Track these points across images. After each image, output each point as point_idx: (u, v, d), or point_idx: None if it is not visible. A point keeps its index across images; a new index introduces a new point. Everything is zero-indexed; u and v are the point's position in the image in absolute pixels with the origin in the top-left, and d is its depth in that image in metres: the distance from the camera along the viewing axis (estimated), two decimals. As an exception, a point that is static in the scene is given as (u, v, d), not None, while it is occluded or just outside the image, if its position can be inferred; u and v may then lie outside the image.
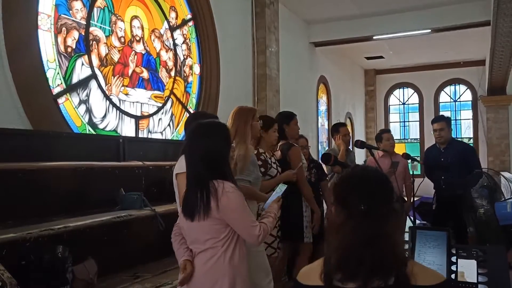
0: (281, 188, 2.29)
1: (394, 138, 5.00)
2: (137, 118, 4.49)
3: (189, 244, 1.97)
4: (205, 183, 1.87)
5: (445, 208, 4.32)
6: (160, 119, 4.82)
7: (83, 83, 3.86)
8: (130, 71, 4.39)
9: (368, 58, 11.20)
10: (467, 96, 12.17)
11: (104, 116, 4.09)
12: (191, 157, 1.95)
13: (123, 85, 4.30)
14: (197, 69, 5.45)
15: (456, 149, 4.42)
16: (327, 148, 9.05)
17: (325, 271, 1.23)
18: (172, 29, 5.04)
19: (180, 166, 2.27)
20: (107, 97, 4.10)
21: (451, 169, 4.29)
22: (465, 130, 12.19)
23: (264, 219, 2.02)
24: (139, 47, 4.53)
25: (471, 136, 11.95)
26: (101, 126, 4.04)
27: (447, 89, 12.47)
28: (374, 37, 8.42)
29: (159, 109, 4.79)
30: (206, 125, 2.07)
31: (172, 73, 5.02)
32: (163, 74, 4.87)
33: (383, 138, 4.75)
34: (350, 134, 5.27)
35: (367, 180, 1.30)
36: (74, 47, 3.77)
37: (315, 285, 1.25)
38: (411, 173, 4.69)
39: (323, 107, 9.61)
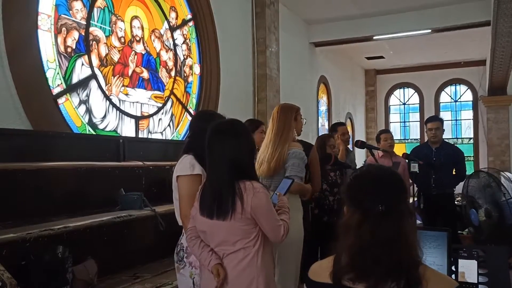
0: (286, 183, 2.27)
1: (394, 139, 5.02)
2: (137, 118, 4.49)
3: (214, 246, 1.91)
4: (235, 183, 1.85)
5: (434, 207, 4.43)
6: (160, 119, 4.82)
7: (83, 83, 3.86)
8: (130, 71, 4.39)
9: (368, 58, 11.19)
10: (468, 96, 12.16)
11: (104, 116, 4.09)
12: (218, 158, 1.90)
13: (123, 85, 4.30)
14: (197, 69, 5.45)
15: (448, 150, 4.58)
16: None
17: (335, 270, 1.23)
18: (172, 29, 5.04)
19: (182, 167, 2.22)
20: (107, 97, 4.10)
21: (442, 169, 4.40)
22: (465, 130, 12.18)
23: (283, 216, 2.00)
24: (139, 47, 4.53)
25: (472, 136, 11.94)
26: (101, 127, 4.04)
27: (447, 89, 12.46)
28: (374, 37, 8.42)
29: (159, 109, 4.79)
30: (232, 124, 2.03)
31: (172, 73, 5.02)
32: (163, 74, 4.87)
33: (381, 138, 4.80)
34: (350, 134, 5.26)
35: (383, 179, 1.28)
36: (74, 47, 3.76)
37: (325, 282, 1.25)
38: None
39: (323, 107, 9.61)
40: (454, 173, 4.61)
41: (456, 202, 4.69)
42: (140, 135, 4.50)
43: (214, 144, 1.93)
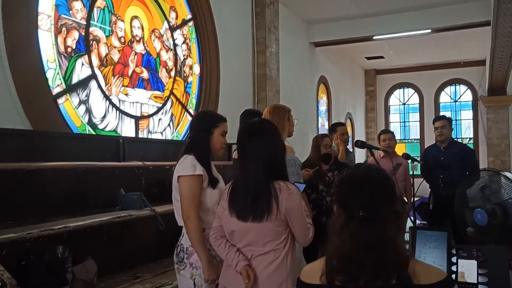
0: (300, 187, 2.26)
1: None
2: (137, 118, 4.49)
3: (242, 246, 1.89)
4: (271, 184, 1.83)
5: (442, 207, 4.37)
6: (160, 119, 4.82)
7: (83, 83, 3.86)
8: (130, 71, 4.39)
9: (368, 58, 11.20)
10: (468, 96, 12.18)
11: (104, 116, 4.09)
12: (252, 158, 1.87)
13: (123, 85, 4.30)
14: (197, 69, 5.45)
15: (456, 149, 4.49)
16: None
17: (327, 272, 1.23)
18: (172, 29, 5.04)
19: (183, 168, 2.20)
20: (107, 97, 4.10)
21: (451, 168, 4.34)
22: (465, 130, 12.20)
23: (309, 220, 1.98)
24: (139, 47, 4.53)
25: (471, 136, 11.95)
26: (101, 126, 4.04)
27: (447, 89, 12.48)
28: (374, 37, 8.43)
29: (159, 109, 4.79)
30: (263, 125, 2.02)
31: (172, 73, 5.02)
32: (163, 74, 4.87)
33: (380, 139, 4.80)
34: (350, 134, 5.26)
35: (368, 181, 1.27)
36: (74, 47, 3.76)
37: (317, 284, 1.25)
38: (411, 173, 4.70)
39: (323, 107, 9.61)
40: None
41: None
42: (140, 135, 4.50)
43: (247, 144, 1.91)
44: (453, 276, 1.78)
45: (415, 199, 4.70)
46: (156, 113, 4.75)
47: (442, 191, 4.39)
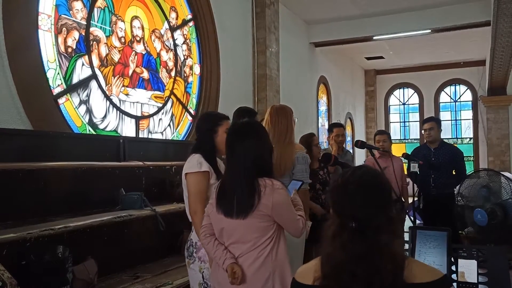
0: (296, 184, 2.31)
1: (394, 138, 5.03)
2: (137, 118, 4.49)
3: (229, 243, 1.92)
4: (256, 181, 1.87)
5: (433, 206, 4.44)
6: (160, 119, 4.82)
7: (84, 84, 3.86)
8: (130, 72, 4.39)
9: (368, 58, 11.20)
10: (467, 96, 12.18)
11: (105, 117, 4.09)
12: (240, 157, 1.92)
13: (123, 86, 4.30)
14: (197, 69, 5.45)
15: (446, 150, 4.63)
16: (327, 147, 9.05)
17: (321, 276, 1.23)
18: (172, 29, 5.05)
19: (190, 165, 2.29)
20: (107, 98, 4.10)
21: (441, 169, 4.42)
22: (465, 130, 12.19)
23: (299, 212, 2.04)
24: (139, 47, 4.53)
25: (471, 136, 11.95)
26: (101, 127, 4.04)
27: (447, 89, 12.48)
28: (374, 37, 8.43)
29: (159, 109, 4.79)
30: (251, 125, 2.09)
31: (172, 73, 5.02)
32: (163, 74, 4.87)
33: (375, 139, 4.87)
34: (349, 134, 5.27)
35: (361, 190, 1.24)
36: (74, 47, 3.77)
37: (311, 285, 1.25)
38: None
39: (323, 107, 9.61)
40: (454, 173, 4.62)
41: (457, 203, 4.70)
42: (141, 135, 4.50)
43: (235, 144, 1.96)
44: (453, 276, 1.78)
45: (415, 198, 4.71)
46: (156, 113, 4.75)
47: (433, 190, 4.46)
